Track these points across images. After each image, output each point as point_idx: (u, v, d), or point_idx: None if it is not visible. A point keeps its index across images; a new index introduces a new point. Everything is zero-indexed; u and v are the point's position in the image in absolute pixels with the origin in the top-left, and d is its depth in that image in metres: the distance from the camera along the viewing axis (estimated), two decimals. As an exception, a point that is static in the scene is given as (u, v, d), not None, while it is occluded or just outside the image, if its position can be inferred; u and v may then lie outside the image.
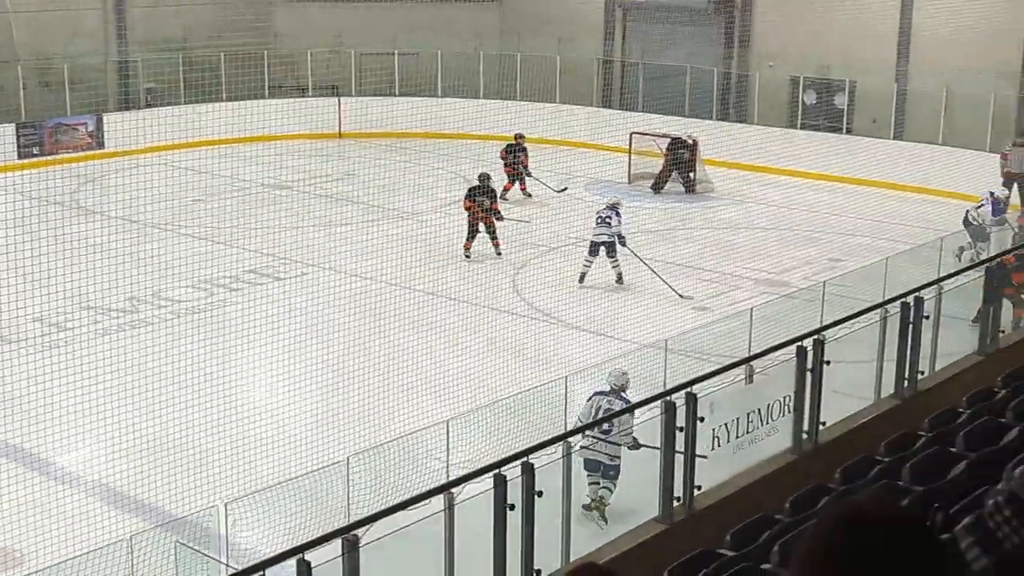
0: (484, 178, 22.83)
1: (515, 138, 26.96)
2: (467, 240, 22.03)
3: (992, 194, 21.96)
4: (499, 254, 21.96)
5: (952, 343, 12.47)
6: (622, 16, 35.11)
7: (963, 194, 26.49)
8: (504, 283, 20.28)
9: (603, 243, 20.32)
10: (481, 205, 22.05)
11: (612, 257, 20.28)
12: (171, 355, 15.50)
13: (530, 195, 26.95)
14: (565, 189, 26.41)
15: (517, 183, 26.76)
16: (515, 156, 26.79)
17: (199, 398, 13.85)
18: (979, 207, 21.37)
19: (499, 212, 22.55)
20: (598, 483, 11.58)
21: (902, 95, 30.02)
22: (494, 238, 22.10)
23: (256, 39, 31.78)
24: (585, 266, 20.35)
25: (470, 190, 22.49)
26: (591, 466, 11.49)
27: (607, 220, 20.39)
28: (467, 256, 21.90)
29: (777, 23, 31.83)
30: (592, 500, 11.56)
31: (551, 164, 27.21)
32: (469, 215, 22.14)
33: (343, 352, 16.04)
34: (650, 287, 19.74)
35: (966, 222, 20.85)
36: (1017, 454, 7.22)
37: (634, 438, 10.67)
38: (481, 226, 22.04)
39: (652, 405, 9.05)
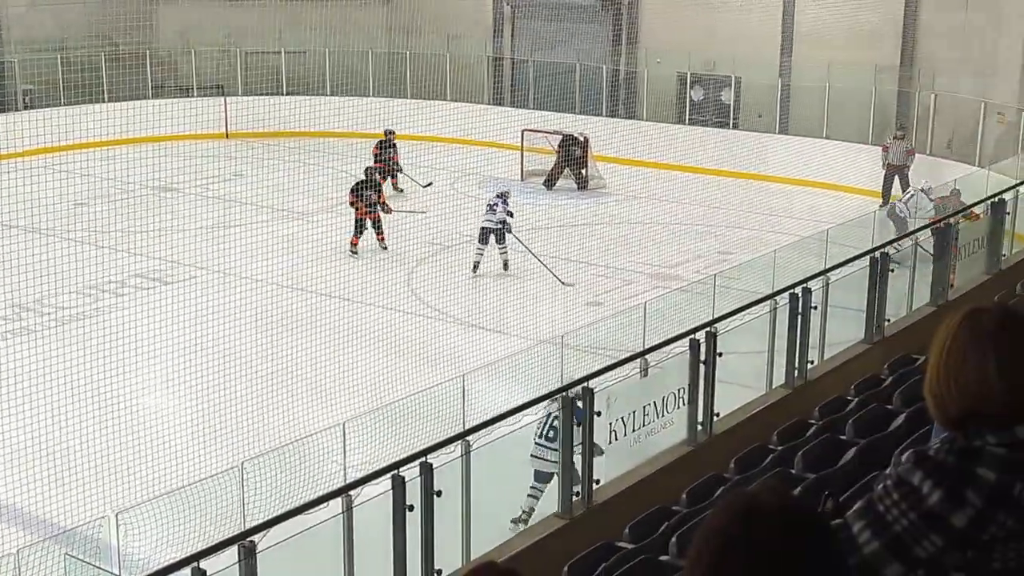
0: (369, 172, 23.07)
1: (385, 134, 27.25)
2: (354, 236, 22.10)
3: (920, 188, 22.40)
4: (385, 248, 22.12)
5: (840, 332, 12.72)
6: (511, 14, 35.19)
7: (847, 186, 27.08)
8: (399, 282, 20.20)
9: (490, 230, 20.86)
10: (367, 200, 22.15)
11: (500, 244, 20.82)
12: (56, 363, 15.13)
13: (402, 190, 27.18)
14: (430, 184, 26.62)
15: (389, 178, 26.84)
16: (386, 152, 27.04)
17: (87, 406, 13.55)
18: (907, 199, 21.71)
19: (386, 205, 22.57)
20: (537, 497, 11.30)
21: (786, 90, 30.53)
22: (379, 233, 22.21)
23: (138, 38, 31.21)
24: (477, 254, 20.71)
25: (355, 186, 22.64)
26: (542, 477, 11.23)
27: (493, 207, 21.02)
28: (354, 252, 21.95)
29: (664, 20, 32.14)
30: (523, 512, 11.31)
31: (443, 162, 27.18)
32: (356, 211, 22.25)
33: (236, 356, 15.83)
34: (545, 284, 19.81)
35: (892, 214, 21.12)
36: (905, 439, 7.37)
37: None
38: (368, 221, 22.16)
39: (550, 401, 9.07)
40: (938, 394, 2.81)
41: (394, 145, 27.27)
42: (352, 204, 22.34)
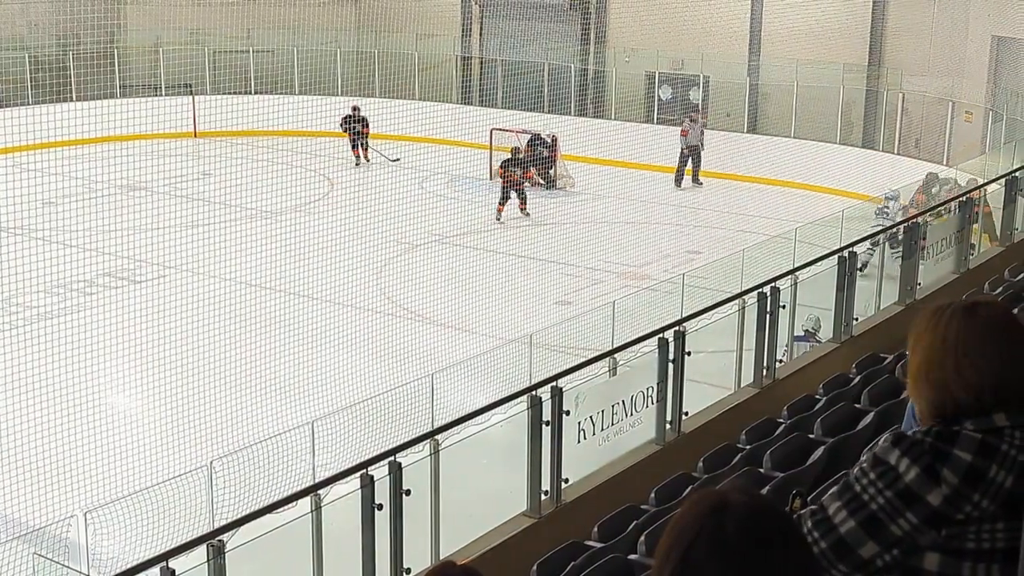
0: (515, 151, 25.75)
1: (352, 109, 29.61)
2: (499, 204, 24.54)
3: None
4: (527, 215, 24.85)
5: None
6: (479, 13, 35.19)
7: (815, 185, 27.21)
8: (368, 281, 20.17)
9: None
10: (513, 173, 24.91)
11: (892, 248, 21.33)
12: (24, 362, 15.04)
13: (369, 160, 29.24)
14: (398, 159, 28.16)
15: (362, 150, 29.49)
16: (350, 125, 29.62)
17: (55, 405, 13.48)
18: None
19: (531, 178, 25.98)
20: None
21: (754, 89, 30.65)
22: (523, 202, 24.96)
23: (106, 37, 31.02)
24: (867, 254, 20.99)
25: (504, 161, 25.25)
26: None
27: (884, 210, 21.40)
28: (499, 219, 24.37)
29: (632, 19, 32.23)
30: None
31: (412, 161, 27.14)
32: (502, 180, 24.77)
33: (204, 355, 15.78)
34: (513, 283, 19.82)
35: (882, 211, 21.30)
36: (873, 438, 7.42)
37: None
38: (513, 192, 24.80)
39: (518, 400, 9.08)
40: (942, 384, 2.83)
41: (362, 119, 29.38)
42: (501, 175, 25.02)
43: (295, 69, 33.63)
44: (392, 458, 7.79)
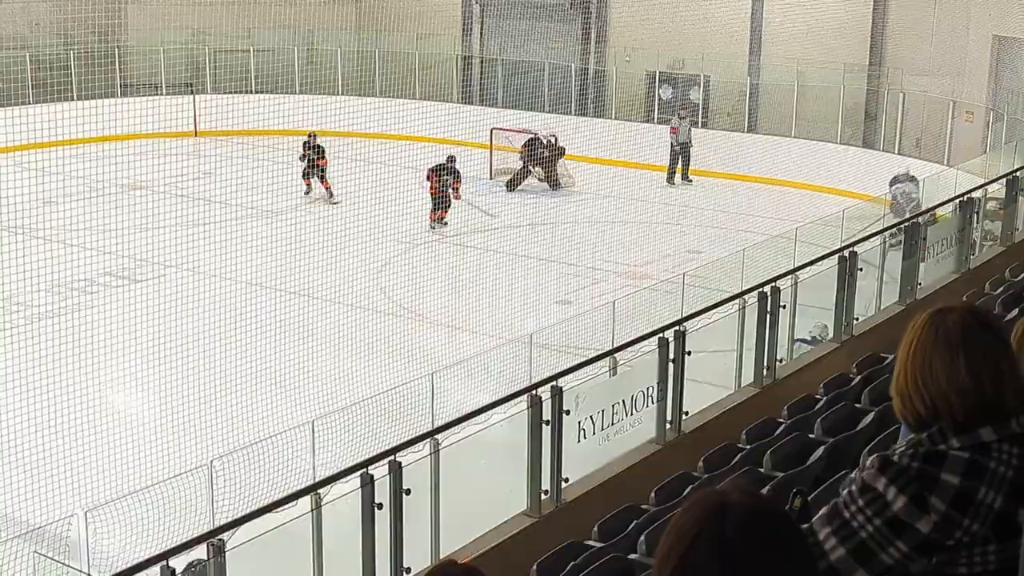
0: (450, 159, 25.10)
1: (309, 136, 27.71)
2: (441, 211, 24.16)
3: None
4: (445, 224, 24.13)
5: (808, 331, 12.80)
6: (480, 12, 35.18)
7: (815, 185, 27.20)
8: (368, 281, 20.17)
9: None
10: (443, 182, 24.51)
11: None
12: (25, 361, 15.04)
13: (333, 197, 26.94)
14: (339, 203, 26.29)
15: (319, 181, 27.28)
16: (306, 154, 27.63)
17: (56, 404, 13.48)
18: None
19: (457, 191, 24.90)
20: None
21: (755, 89, 30.64)
22: (443, 210, 24.23)
23: (106, 36, 31.02)
24: None
25: (434, 167, 24.68)
26: None
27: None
28: (443, 224, 24.02)
29: (632, 18, 32.23)
30: None
31: (412, 160, 27.11)
32: (430, 188, 24.41)
33: (205, 353, 15.77)
34: (513, 282, 19.81)
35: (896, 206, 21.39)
36: (873, 439, 7.42)
37: None
38: (439, 199, 24.44)
39: (518, 400, 9.08)
40: (904, 394, 2.83)
41: (316, 148, 27.45)
42: (429, 179, 24.56)
43: (295, 69, 33.63)
44: (392, 457, 7.80)
